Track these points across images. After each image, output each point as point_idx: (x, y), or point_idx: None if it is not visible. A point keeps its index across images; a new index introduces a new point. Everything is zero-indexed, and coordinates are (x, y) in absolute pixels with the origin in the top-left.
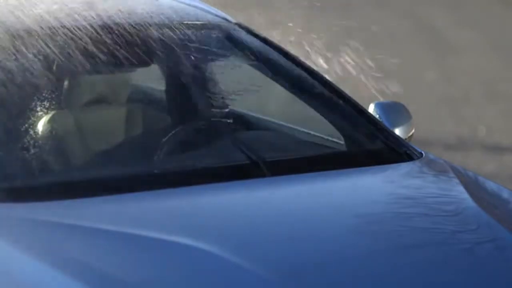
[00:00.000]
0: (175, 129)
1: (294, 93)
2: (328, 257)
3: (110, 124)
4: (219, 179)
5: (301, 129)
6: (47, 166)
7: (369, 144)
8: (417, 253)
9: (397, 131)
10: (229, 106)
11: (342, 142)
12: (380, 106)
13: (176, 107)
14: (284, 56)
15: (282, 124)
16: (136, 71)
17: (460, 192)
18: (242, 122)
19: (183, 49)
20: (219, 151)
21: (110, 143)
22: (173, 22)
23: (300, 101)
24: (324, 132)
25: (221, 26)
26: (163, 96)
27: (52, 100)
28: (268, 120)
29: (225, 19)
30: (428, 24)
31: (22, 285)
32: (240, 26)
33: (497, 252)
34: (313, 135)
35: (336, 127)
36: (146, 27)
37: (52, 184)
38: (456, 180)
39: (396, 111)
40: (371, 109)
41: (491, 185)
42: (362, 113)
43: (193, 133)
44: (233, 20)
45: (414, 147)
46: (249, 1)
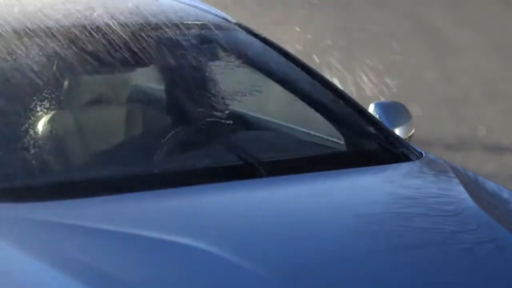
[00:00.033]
0: (175, 129)
1: (294, 93)
2: (328, 257)
3: (110, 124)
4: (219, 179)
5: (301, 129)
6: (47, 166)
7: (369, 144)
8: (417, 253)
9: (397, 131)
10: (229, 106)
11: (342, 142)
12: (380, 106)
13: (176, 107)
14: (284, 56)
15: (282, 124)
16: (136, 71)
17: (460, 192)
18: (242, 122)
19: (183, 49)
20: (219, 151)
21: (110, 143)
22: (173, 22)
23: (300, 101)
24: (324, 132)
25: (221, 26)
26: (163, 96)
27: (52, 100)
28: (268, 120)
29: (225, 19)
30: (428, 24)
31: (22, 285)
32: (240, 26)
33: (497, 252)
34: (313, 135)
35: (336, 127)
36: (146, 27)
37: (52, 184)
38: (456, 180)
39: (396, 111)
40: (371, 109)
41: (491, 185)
42: (362, 113)
43: (193, 133)
44: (233, 20)
45: (414, 147)
46: (249, 0)
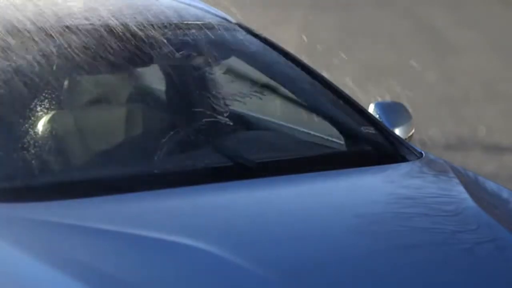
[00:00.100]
0: (175, 129)
1: (294, 93)
2: (328, 257)
3: (110, 124)
4: (219, 179)
5: (301, 129)
6: (47, 166)
7: (369, 144)
8: (417, 253)
9: (397, 131)
10: (229, 106)
11: (342, 142)
12: (380, 106)
13: (176, 107)
14: (284, 56)
15: (282, 124)
16: (136, 71)
17: (460, 192)
18: (242, 122)
19: (183, 49)
20: (219, 151)
21: (110, 143)
22: (173, 22)
23: (300, 101)
24: (324, 132)
25: (221, 26)
26: (163, 96)
27: (52, 100)
28: (268, 120)
29: (225, 19)
30: (428, 24)
31: (22, 285)
32: (240, 26)
33: (497, 252)
34: (313, 135)
35: (336, 127)
36: (146, 27)
37: (52, 184)
38: (456, 180)
39: (396, 111)
40: (371, 109)
41: (491, 185)
42: (362, 113)
43: (193, 133)
44: (233, 20)
45: (414, 147)
46: (249, 1)
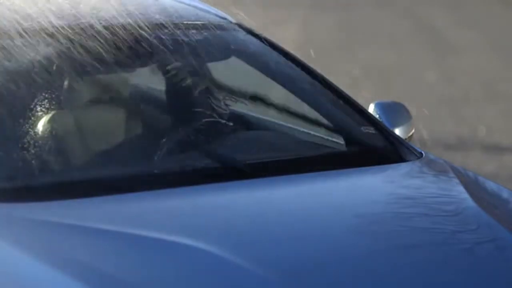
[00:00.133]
0: (175, 129)
1: (294, 93)
2: (328, 257)
3: (110, 124)
4: (219, 179)
5: (301, 129)
6: (47, 166)
7: (369, 144)
8: (417, 253)
9: (397, 131)
10: (229, 106)
11: (342, 142)
12: (380, 106)
13: (176, 107)
14: (284, 56)
15: (282, 124)
16: (136, 71)
17: (460, 192)
18: (242, 122)
19: (183, 49)
20: (219, 151)
21: (110, 143)
22: (173, 22)
23: (300, 101)
24: (324, 132)
25: (221, 26)
26: (163, 96)
27: (52, 100)
28: (268, 120)
29: (225, 19)
30: (428, 24)
31: (22, 285)
32: (240, 26)
33: (497, 252)
34: (313, 135)
35: (336, 127)
36: (146, 27)
37: (52, 184)
38: (456, 180)
39: (396, 111)
40: (371, 109)
41: (491, 185)
42: (362, 113)
43: (193, 133)
44: (233, 20)
45: (414, 147)
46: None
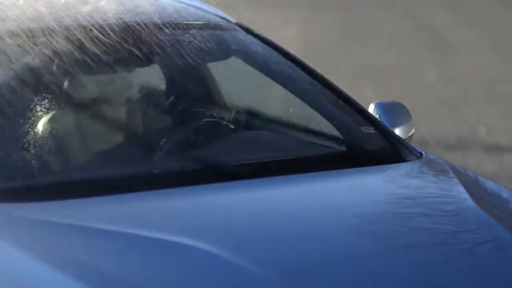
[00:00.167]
0: (175, 129)
1: (294, 93)
2: (328, 257)
3: (110, 124)
4: (219, 179)
5: (301, 129)
6: (47, 166)
7: (369, 144)
8: (417, 253)
9: (397, 131)
10: (229, 106)
11: (342, 142)
12: (380, 106)
13: (176, 107)
14: (284, 56)
15: (282, 124)
16: (136, 71)
17: (460, 192)
18: (242, 122)
19: (183, 49)
20: (219, 151)
21: (110, 143)
22: (173, 22)
23: (300, 101)
24: (324, 132)
25: (221, 26)
26: (163, 96)
27: (52, 100)
28: (268, 120)
29: (225, 19)
30: (428, 24)
31: (22, 285)
32: (240, 26)
33: (497, 252)
34: (313, 135)
35: (336, 127)
36: (146, 27)
37: (52, 184)
38: (456, 180)
39: (396, 111)
40: (371, 109)
41: (491, 185)
42: (362, 113)
43: (193, 133)
44: (233, 20)
45: (414, 147)
46: (249, 1)
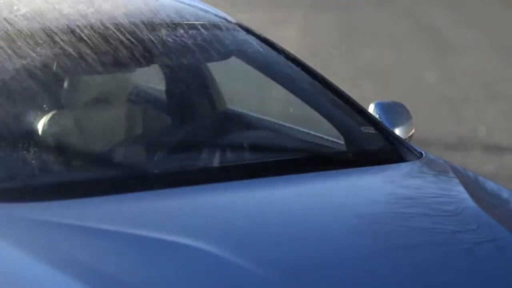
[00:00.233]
0: (175, 129)
1: (294, 93)
2: (328, 256)
3: (110, 124)
4: (219, 179)
5: (301, 129)
6: (47, 166)
7: (369, 144)
8: (417, 253)
9: (397, 131)
10: (229, 106)
11: (342, 142)
12: (380, 106)
13: (176, 107)
14: (284, 56)
15: (282, 124)
16: (136, 71)
17: (460, 192)
18: (242, 122)
19: (183, 49)
20: (219, 151)
21: (110, 143)
22: (173, 22)
23: (300, 101)
24: (324, 132)
25: (221, 26)
26: (163, 96)
27: (52, 100)
28: (268, 120)
29: (225, 19)
30: (428, 24)
31: (22, 285)
32: (240, 26)
33: (497, 252)
34: (313, 135)
35: (336, 127)
36: (146, 27)
37: (52, 184)
38: (456, 180)
39: (396, 111)
40: (371, 109)
41: (491, 185)
42: (362, 113)
43: (193, 133)
44: (233, 20)
45: (414, 147)
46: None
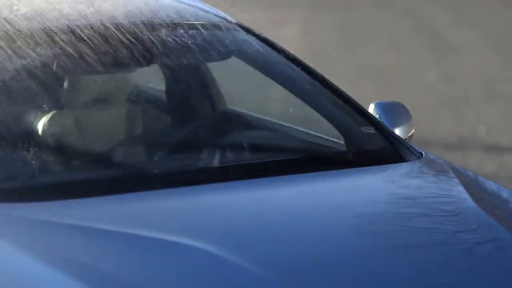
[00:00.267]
0: (175, 129)
1: (294, 93)
2: (328, 256)
3: (110, 124)
4: (219, 179)
5: (301, 129)
6: (47, 166)
7: (369, 144)
8: (417, 253)
9: (397, 131)
10: (229, 106)
11: (342, 142)
12: (380, 106)
13: (176, 107)
14: (284, 56)
15: (282, 124)
16: (136, 71)
17: (460, 192)
18: (242, 122)
19: (183, 49)
20: (219, 151)
21: (110, 143)
22: (173, 22)
23: (300, 101)
24: (324, 132)
25: (221, 26)
26: (163, 96)
27: (52, 100)
28: (268, 120)
29: (225, 19)
30: (428, 24)
31: (22, 285)
32: (240, 26)
33: (497, 252)
34: (313, 135)
35: (336, 127)
36: (146, 27)
37: (52, 184)
38: (456, 180)
39: (396, 111)
40: (371, 109)
41: (491, 185)
42: (362, 113)
43: (193, 133)
44: (233, 20)
45: (414, 147)
46: (249, 1)
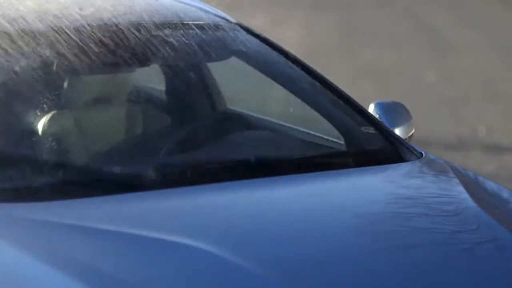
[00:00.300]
0: (175, 129)
1: (294, 93)
2: (328, 256)
3: (110, 124)
4: (219, 179)
5: (301, 129)
6: (47, 166)
7: (369, 144)
8: (417, 253)
9: (397, 131)
10: (229, 106)
11: (342, 142)
12: (380, 106)
13: (176, 107)
14: (284, 56)
15: (282, 124)
16: (136, 71)
17: (460, 192)
18: (242, 122)
19: (183, 49)
20: (219, 151)
21: (110, 143)
22: (173, 22)
23: (300, 101)
24: (324, 132)
25: (221, 26)
26: (163, 96)
27: (52, 100)
28: (268, 120)
29: (225, 19)
30: (428, 24)
31: (22, 285)
32: (240, 26)
33: (497, 252)
34: (313, 135)
35: (336, 127)
36: (146, 27)
37: (52, 184)
38: (456, 180)
39: (396, 111)
40: (371, 109)
41: (491, 185)
42: (362, 113)
43: (193, 133)
44: (233, 20)
45: (414, 147)
46: (248, 1)
